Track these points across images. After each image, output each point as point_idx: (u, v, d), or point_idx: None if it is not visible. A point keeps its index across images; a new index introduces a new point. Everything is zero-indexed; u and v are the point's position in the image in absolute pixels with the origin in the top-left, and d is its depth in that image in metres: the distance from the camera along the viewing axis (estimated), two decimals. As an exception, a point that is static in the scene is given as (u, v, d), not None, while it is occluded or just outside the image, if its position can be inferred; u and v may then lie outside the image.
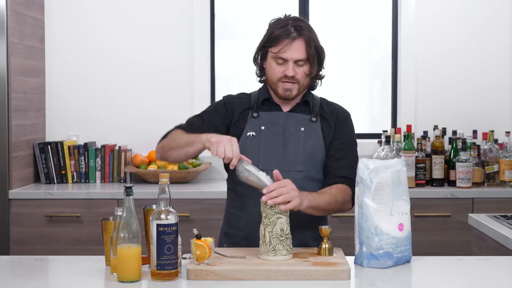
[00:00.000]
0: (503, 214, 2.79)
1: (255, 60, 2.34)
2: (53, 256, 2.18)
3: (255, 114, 2.28)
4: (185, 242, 2.01)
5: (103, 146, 3.99)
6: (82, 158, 3.97)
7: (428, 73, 4.20)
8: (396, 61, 4.25)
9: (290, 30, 2.20)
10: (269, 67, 2.26)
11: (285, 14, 2.32)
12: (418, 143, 3.84)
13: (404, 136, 3.86)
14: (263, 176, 2.02)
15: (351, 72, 4.36)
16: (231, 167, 2.03)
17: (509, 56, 4.18)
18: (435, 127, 3.94)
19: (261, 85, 2.41)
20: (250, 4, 4.36)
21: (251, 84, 4.41)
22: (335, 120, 2.31)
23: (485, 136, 3.97)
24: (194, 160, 4.02)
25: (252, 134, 2.25)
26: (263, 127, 2.25)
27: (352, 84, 4.37)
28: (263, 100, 2.32)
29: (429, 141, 3.96)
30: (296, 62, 2.21)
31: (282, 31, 2.21)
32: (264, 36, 2.29)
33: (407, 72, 4.19)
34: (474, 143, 3.91)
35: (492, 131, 3.92)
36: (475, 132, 4.02)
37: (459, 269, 2.02)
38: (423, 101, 4.19)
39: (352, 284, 1.83)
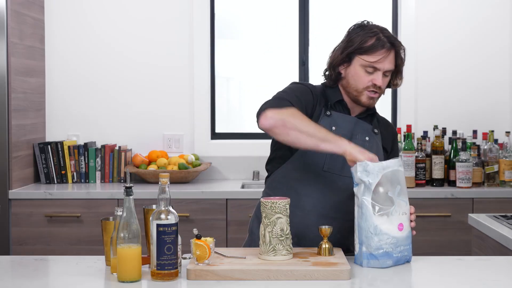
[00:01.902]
0: (503, 214, 2.79)
1: (333, 65, 2.30)
2: (53, 256, 2.17)
3: (328, 113, 2.27)
4: (185, 242, 2.01)
5: (103, 146, 3.99)
6: (82, 158, 3.97)
7: (428, 73, 4.20)
8: (396, 61, 4.24)
9: (384, 40, 2.21)
10: (354, 74, 2.24)
11: (366, 21, 2.29)
12: (418, 143, 3.84)
13: (404, 136, 3.86)
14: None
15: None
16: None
17: (509, 56, 4.18)
18: (435, 127, 3.94)
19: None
20: (250, 4, 4.36)
21: (251, 84, 4.43)
22: (391, 139, 2.38)
23: (485, 136, 3.97)
24: (194, 160, 4.03)
25: None
26: (334, 128, 2.24)
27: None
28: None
29: (429, 141, 3.96)
30: (384, 72, 2.23)
31: (376, 41, 2.20)
32: (349, 42, 2.25)
33: (407, 72, 4.17)
34: (474, 143, 3.91)
35: (492, 131, 3.92)
36: (475, 132, 4.02)
37: (459, 269, 2.02)
38: (423, 101, 4.19)
39: (352, 284, 1.83)
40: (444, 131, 4.00)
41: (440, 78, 4.20)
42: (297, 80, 4.16)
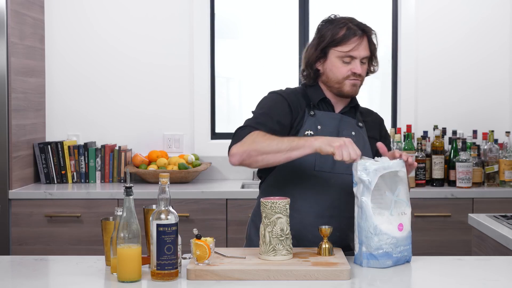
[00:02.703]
0: (503, 214, 2.79)
1: (309, 63, 2.31)
2: (53, 256, 2.17)
3: (312, 113, 2.28)
4: (185, 242, 2.01)
5: (103, 146, 3.99)
6: (82, 158, 3.97)
7: (428, 73, 4.20)
8: (396, 61, 4.25)
9: (354, 28, 2.24)
10: (332, 67, 2.25)
11: (334, 15, 2.32)
12: (418, 143, 3.84)
13: (404, 136, 3.86)
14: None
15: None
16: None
17: (509, 56, 4.18)
18: (435, 127, 3.94)
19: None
20: (250, 4, 4.36)
21: (251, 84, 4.43)
22: (379, 129, 2.38)
23: (485, 136, 3.97)
24: (194, 160, 4.03)
25: (310, 133, 2.23)
26: (319, 127, 2.24)
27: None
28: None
29: (429, 141, 3.96)
30: (361, 59, 2.25)
31: (347, 31, 2.24)
32: (320, 38, 2.27)
33: (407, 72, 4.19)
34: (474, 143, 3.91)
35: (492, 131, 3.92)
36: (475, 132, 4.02)
37: (459, 269, 2.02)
38: (423, 101, 4.19)
39: (352, 284, 1.83)
40: (444, 131, 4.01)
41: (440, 77, 4.20)
42: (296, 80, 4.16)
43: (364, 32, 2.26)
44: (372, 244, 1.96)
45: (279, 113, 2.23)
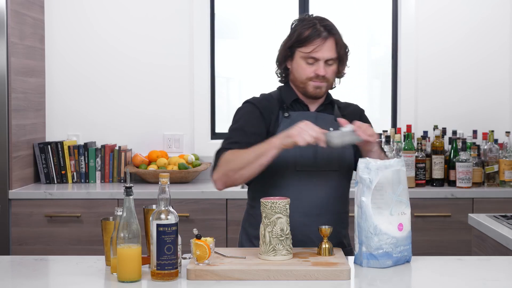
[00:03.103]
0: (503, 214, 2.79)
1: (278, 61, 2.33)
2: (53, 256, 2.18)
3: (286, 114, 2.28)
4: (185, 242, 2.01)
5: (103, 146, 3.99)
6: (82, 158, 3.97)
7: (428, 73, 4.20)
8: (396, 61, 4.25)
9: (320, 30, 2.23)
10: (297, 67, 2.26)
11: (307, 14, 2.33)
12: (418, 143, 3.84)
13: (404, 136, 3.86)
14: (349, 128, 2.07)
15: (351, 72, 4.34)
16: (323, 145, 2.04)
17: (509, 56, 4.18)
18: (435, 127, 3.94)
19: (269, 84, 2.42)
20: (250, 4, 4.36)
21: (251, 84, 4.42)
22: (359, 119, 2.35)
23: (485, 136, 3.97)
24: (194, 160, 4.03)
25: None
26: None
27: (352, 84, 4.37)
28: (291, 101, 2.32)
29: (429, 141, 3.96)
30: (326, 61, 2.24)
31: (312, 32, 2.23)
32: (290, 36, 2.29)
33: (407, 72, 4.19)
34: (474, 143, 3.91)
35: (492, 131, 3.92)
36: (475, 132, 4.02)
37: (459, 269, 2.02)
38: (423, 101, 4.19)
39: (352, 284, 1.83)
40: (444, 131, 4.00)
41: (440, 77, 4.20)
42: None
43: (330, 33, 2.24)
44: (372, 244, 1.96)
45: (252, 124, 2.27)
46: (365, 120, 2.41)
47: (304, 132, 2.03)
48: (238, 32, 4.42)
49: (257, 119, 2.28)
